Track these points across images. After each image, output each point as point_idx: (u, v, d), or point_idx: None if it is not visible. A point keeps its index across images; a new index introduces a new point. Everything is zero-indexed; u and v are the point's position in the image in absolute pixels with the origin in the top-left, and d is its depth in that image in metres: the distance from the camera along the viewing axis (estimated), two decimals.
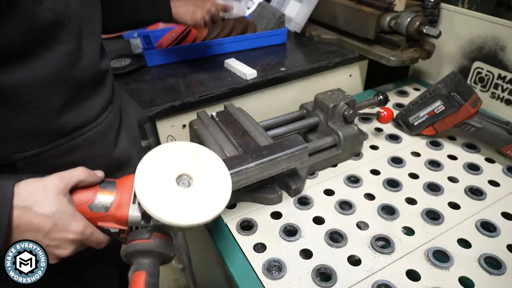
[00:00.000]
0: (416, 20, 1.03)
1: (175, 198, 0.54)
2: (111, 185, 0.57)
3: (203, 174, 0.59)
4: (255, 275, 0.65)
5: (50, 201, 0.49)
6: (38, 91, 0.53)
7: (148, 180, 0.54)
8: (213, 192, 0.58)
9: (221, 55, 1.19)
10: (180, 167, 0.57)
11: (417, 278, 0.64)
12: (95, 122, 0.64)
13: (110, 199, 0.55)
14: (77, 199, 0.54)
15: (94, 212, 0.54)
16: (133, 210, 0.55)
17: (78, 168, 0.54)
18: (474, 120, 0.88)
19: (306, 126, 0.92)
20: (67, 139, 0.60)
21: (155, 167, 0.56)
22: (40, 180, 0.50)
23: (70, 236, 0.51)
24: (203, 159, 0.61)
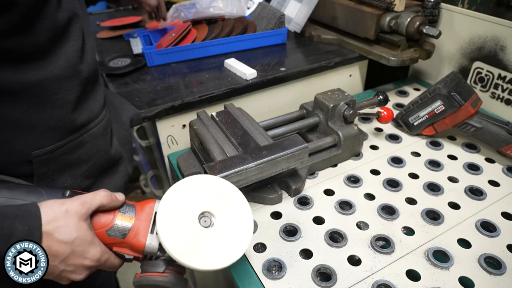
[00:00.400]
0: (416, 20, 1.03)
1: (196, 239, 0.53)
2: (130, 210, 0.56)
3: (226, 213, 0.57)
4: (255, 275, 0.65)
5: (71, 228, 0.49)
6: (57, 86, 0.56)
7: (171, 218, 0.53)
8: (234, 234, 0.55)
9: (221, 55, 1.19)
10: (203, 204, 0.56)
11: (417, 278, 0.64)
12: (98, 118, 0.67)
13: (128, 225, 0.55)
14: (96, 223, 0.53)
15: (111, 237, 0.54)
16: (150, 240, 0.54)
17: (101, 192, 0.54)
18: (474, 120, 0.88)
19: (306, 126, 0.92)
20: (77, 134, 0.62)
21: (179, 203, 0.55)
22: (62, 204, 0.50)
23: (86, 263, 0.51)
24: (227, 196, 0.58)
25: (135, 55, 1.18)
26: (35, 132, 0.57)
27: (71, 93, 0.59)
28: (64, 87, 0.57)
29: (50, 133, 0.58)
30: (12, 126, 0.55)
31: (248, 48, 1.23)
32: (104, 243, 0.54)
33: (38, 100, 0.55)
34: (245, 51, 1.22)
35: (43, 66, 0.54)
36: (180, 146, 1.02)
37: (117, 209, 0.56)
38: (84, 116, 0.63)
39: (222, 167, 0.69)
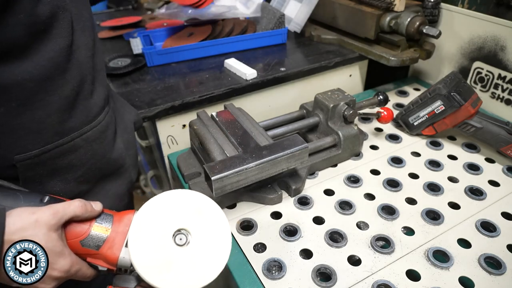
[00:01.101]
0: (416, 20, 1.03)
1: (169, 259, 0.51)
2: (107, 221, 0.55)
3: (203, 230, 0.55)
4: (255, 275, 0.65)
5: (39, 238, 0.47)
6: (39, 86, 0.53)
7: (144, 236, 0.51)
8: (210, 253, 0.54)
9: (221, 55, 1.19)
10: (179, 220, 0.54)
11: (417, 278, 0.64)
12: (94, 122, 0.63)
13: (103, 237, 0.53)
14: (70, 233, 0.52)
15: (85, 248, 0.53)
16: (124, 254, 0.53)
17: (75, 201, 0.52)
18: (474, 120, 0.88)
19: (306, 126, 0.92)
20: (68, 138, 0.59)
21: (153, 219, 0.53)
22: (33, 213, 0.48)
23: (54, 274, 0.50)
24: (205, 213, 0.56)
25: (135, 55, 1.18)
26: (17, 136, 0.53)
27: (55, 94, 0.55)
28: (46, 88, 0.53)
29: (33, 137, 0.55)
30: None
31: (248, 48, 1.23)
32: (77, 253, 0.53)
33: (16, 103, 0.52)
34: (245, 51, 1.22)
35: (20, 65, 0.50)
36: (180, 146, 1.02)
37: (93, 219, 0.54)
38: (76, 119, 0.59)
39: (222, 167, 0.69)
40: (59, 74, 0.55)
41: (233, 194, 0.76)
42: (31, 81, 0.52)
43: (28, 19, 0.48)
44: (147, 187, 1.57)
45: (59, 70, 0.55)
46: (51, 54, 0.53)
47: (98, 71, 0.65)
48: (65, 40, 0.54)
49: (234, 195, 0.77)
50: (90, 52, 0.61)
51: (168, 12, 1.27)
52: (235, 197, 0.78)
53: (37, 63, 0.52)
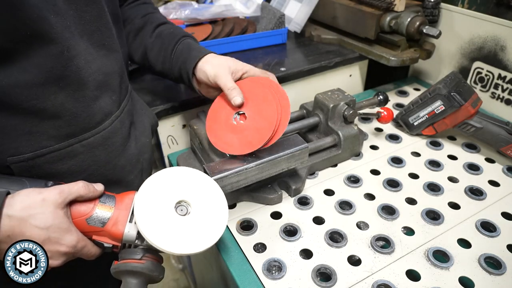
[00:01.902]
0: (416, 20, 1.03)
1: (172, 226, 0.55)
2: (110, 200, 0.58)
3: (201, 202, 0.60)
4: (255, 275, 0.65)
5: (46, 215, 0.50)
6: (26, 93, 0.51)
7: (148, 207, 0.55)
8: (209, 222, 0.59)
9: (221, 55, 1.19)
10: (180, 193, 0.59)
11: (417, 278, 0.64)
12: (97, 128, 0.61)
13: (108, 214, 0.56)
14: (75, 211, 0.55)
15: (90, 226, 0.55)
16: (128, 228, 0.56)
17: (79, 182, 0.55)
18: (474, 120, 0.88)
19: (306, 126, 0.92)
20: (65, 144, 0.57)
21: (156, 193, 0.57)
22: (40, 193, 0.50)
23: (62, 249, 0.52)
24: (202, 186, 0.62)
25: None
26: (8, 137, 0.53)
27: (47, 101, 0.53)
28: (36, 95, 0.51)
29: (26, 140, 0.54)
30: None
31: (248, 48, 1.23)
32: (83, 231, 0.55)
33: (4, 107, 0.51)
34: (245, 51, 1.22)
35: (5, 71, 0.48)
36: (180, 146, 1.02)
37: (97, 199, 0.57)
38: (74, 125, 0.57)
39: (222, 167, 0.69)
40: (52, 82, 0.52)
41: (233, 194, 0.76)
42: (17, 87, 0.50)
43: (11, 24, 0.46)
44: None
45: (52, 78, 0.52)
46: (40, 60, 0.50)
47: (104, 75, 0.61)
48: (58, 46, 0.51)
49: (234, 195, 0.77)
50: (92, 56, 0.58)
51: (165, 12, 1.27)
52: (235, 197, 0.78)
53: (24, 69, 0.49)
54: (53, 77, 0.52)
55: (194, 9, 1.27)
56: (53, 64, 0.52)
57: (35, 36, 0.49)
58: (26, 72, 0.50)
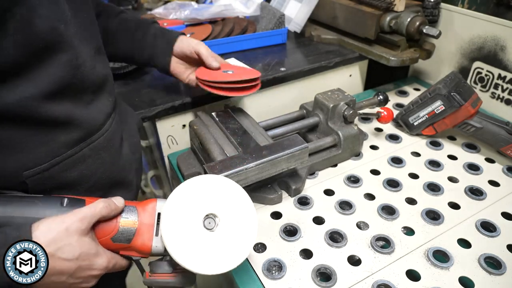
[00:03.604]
0: (416, 20, 1.03)
1: (201, 243, 0.53)
2: (132, 213, 0.56)
3: (230, 214, 0.56)
4: (255, 275, 0.65)
5: (73, 246, 0.48)
6: (41, 104, 0.51)
7: (175, 223, 0.53)
8: (238, 236, 0.55)
9: (221, 55, 1.19)
10: (208, 205, 0.55)
11: (417, 278, 0.64)
12: (101, 130, 0.62)
13: (132, 230, 0.55)
14: (99, 232, 0.54)
15: (116, 243, 0.55)
16: (156, 243, 0.55)
17: (99, 203, 0.53)
18: (474, 120, 0.88)
19: (306, 126, 0.92)
20: (76, 149, 0.58)
21: (183, 205, 0.54)
22: (62, 222, 0.49)
23: (94, 273, 0.52)
24: (231, 196, 0.57)
25: None
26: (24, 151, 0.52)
27: (61, 108, 0.53)
28: (50, 104, 0.52)
29: (41, 150, 0.54)
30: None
31: (248, 48, 1.23)
32: (110, 249, 0.54)
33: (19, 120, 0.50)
34: (245, 51, 1.22)
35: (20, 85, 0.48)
36: (180, 146, 1.02)
37: (119, 215, 0.55)
38: (82, 129, 0.58)
39: (222, 167, 0.69)
40: (62, 89, 0.53)
41: None
42: (32, 99, 0.50)
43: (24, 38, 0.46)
44: (147, 187, 1.57)
45: (62, 86, 0.53)
46: (52, 71, 0.51)
47: (103, 78, 0.63)
48: (68, 55, 0.52)
49: None
50: (94, 61, 0.59)
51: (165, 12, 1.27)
52: None
53: (39, 81, 0.50)
54: (63, 85, 0.53)
55: (194, 9, 1.27)
56: (64, 73, 0.52)
57: (48, 47, 0.49)
58: (40, 84, 0.50)
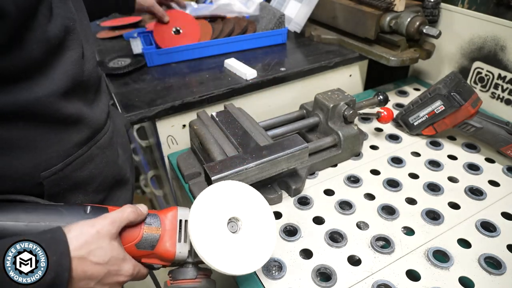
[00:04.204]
0: (416, 20, 1.03)
1: (227, 245, 0.54)
2: (155, 221, 0.57)
3: (251, 218, 0.59)
4: (255, 275, 0.65)
5: (105, 249, 0.49)
6: (57, 101, 0.52)
7: (203, 227, 0.54)
8: (259, 239, 0.58)
9: (221, 55, 1.19)
10: (231, 210, 0.57)
11: (417, 278, 0.64)
12: (104, 129, 0.63)
13: (156, 237, 0.55)
14: (125, 238, 0.54)
15: (140, 250, 0.55)
16: (180, 249, 0.55)
17: (127, 208, 0.53)
18: (474, 120, 0.88)
19: (306, 126, 0.92)
20: (85, 148, 0.59)
21: (209, 209, 0.56)
22: (93, 226, 0.49)
23: (121, 279, 0.52)
24: (251, 202, 0.60)
25: (135, 55, 1.18)
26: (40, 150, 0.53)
27: (73, 107, 0.55)
28: (64, 102, 0.53)
29: (55, 150, 0.55)
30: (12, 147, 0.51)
31: (248, 48, 1.23)
32: (133, 256, 0.54)
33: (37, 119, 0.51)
34: (245, 51, 1.22)
35: (38, 83, 0.49)
36: (180, 146, 1.02)
37: (142, 222, 0.56)
38: (90, 128, 0.59)
39: (222, 167, 0.69)
40: (74, 87, 0.54)
41: None
42: (50, 96, 0.51)
43: (43, 35, 0.48)
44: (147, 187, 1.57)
45: (75, 83, 0.54)
46: (65, 68, 0.52)
47: (99, 78, 0.65)
48: (76, 52, 0.54)
49: None
50: (94, 59, 0.61)
51: None
52: None
53: (54, 78, 0.51)
54: (74, 84, 0.54)
55: (194, 9, 1.27)
56: (74, 70, 0.54)
57: (61, 45, 0.51)
58: (56, 81, 0.51)
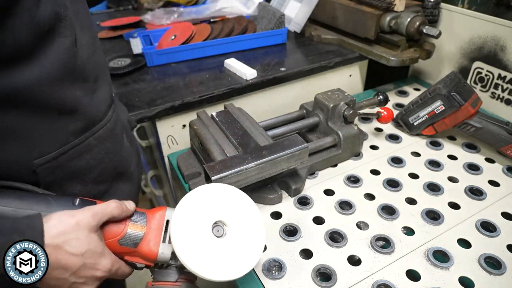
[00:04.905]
0: (416, 20, 1.03)
1: (209, 249, 0.53)
2: (142, 219, 0.56)
3: (238, 222, 0.57)
4: (255, 275, 0.65)
5: (81, 241, 0.49)
6: (49, 88, 0.52)
7: (185, 228, 0.53)
8: (246, 244, 0.56)
9: (221, 55, 1.19)
10: (216, 213, 0.56)
11: (417, 278, 0.64)
12: (104, 120, 0.63)
13: (140, 234, 0.55)
14: (107, 233, 0.53)
15: (123, 247, 0.54)
16: (162, 249, 0.55)
17: (111, 203, 0.53)
18: (474, 120, 0.88)
19: (306, 126, 0.92)
20: (82, 138, 0.59)
21: (192, 212, 0.55)
22: (73, 216, 0.49)
23: (97, 274, 0.51)
24: (239, 205, 0.59)
25: (135, 55, 1.18)
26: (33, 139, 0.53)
27: (67, 95, 0.54)
28: (57, 89, 0.52)
29: (50, 138, 0.54)
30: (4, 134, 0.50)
31: (248, 48, 1.23)
32: (115, 252, 0.54)
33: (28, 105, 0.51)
34: (245, 51, 1.22)
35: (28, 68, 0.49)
36: (180, 146, 1.02)
37: (128, 218, 0.55)
38: (86, 118, 0.59)
39: (222, 167, 0.69)
40: (67, 75, 0.54)
41: None
42: (40, 83, 0.50)
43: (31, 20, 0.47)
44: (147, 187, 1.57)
45: (67, 71, 0.54)
46: (57, 55, 0.52)
47: (100, 68, 0.64)
48: (68, 39, 0.53)
49: None
50: (91, 49, 0.60)
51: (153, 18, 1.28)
52: None
53: (45, 65, 0.51)
54: (67, 71, 0.54)
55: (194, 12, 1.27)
56: (67, 58, 0.53)
57: (51, 31, 0.50)
58: (46, 68, 0.51)
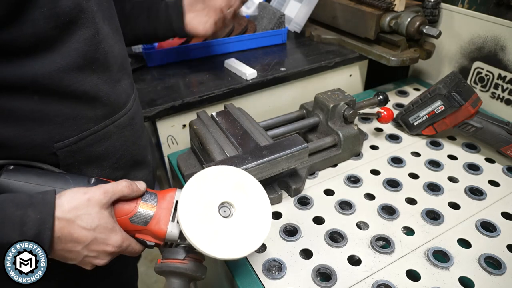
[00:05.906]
0: (416, 20, 1.03)
1: (215, 229, 0.54)
2: (152, 198, 0.58)
3: (245, 204, 0.58)
4: (255, 275, 0.65)
5: (93, 216, 0.51)
6: (69, 77, 0.54)
7: (192, 207, 0.54)
8: (252, 225, 0.57)
9: (221, 55, 1.19)
10: (223, 194, 0.57)
11: (417, 278, 0.64)
12: (125, 109, 0.65)
13: (150, 213, 0.56)
14: (119, 211, 0.55)
15: (133, 224, 0.56)
16: (171, 228, 0.56)
17: (122, 182, 0.55)
18: (474, 120, 0.88)
19: (306, 126, 0.92)
20: (102, 125, 0.61)
21: (199, 192, 0.56)
22: (85, 193, 0.51)
23: (108, 249, 0.53)
24: (246, 187, 0.60)
25: (135, 55, 1.18)
26: (54, 123, 0.55)
27: (86, 83, 0.56)
28: (77, 78, 0.55)
29: (70, 124, 0.57)
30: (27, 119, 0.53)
31: (248, 48, 1.23)
32: (127, 230, 0.56)
33: (49, 92, 0.53)
34: (245, 51, 1.22)
35: (49, 57, 0.51)
36: (180, 146, 1.02)
37: (139, 197, 0.57)
38: (107, 106, 0.61)
39: None
40: (87, 65, 0.56)
41: None
42: (61, 72, 0.52)
43: (51, 11, 0.49)
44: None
45: (87, 61, 0.55)
46: (77, 45, 0.53)
47: (122, 58, 0.65)
48: (90, 30, 0.55)
49: None
50: (113, 40, 0.62)
51: None
52: None
53: (65, 55, 0.52)
54: (88, 60, 0.56)
55: None
56: (88, 47, 0.55)
57: (72, 22, 0.52)
58: (66, 57, 0.52)
